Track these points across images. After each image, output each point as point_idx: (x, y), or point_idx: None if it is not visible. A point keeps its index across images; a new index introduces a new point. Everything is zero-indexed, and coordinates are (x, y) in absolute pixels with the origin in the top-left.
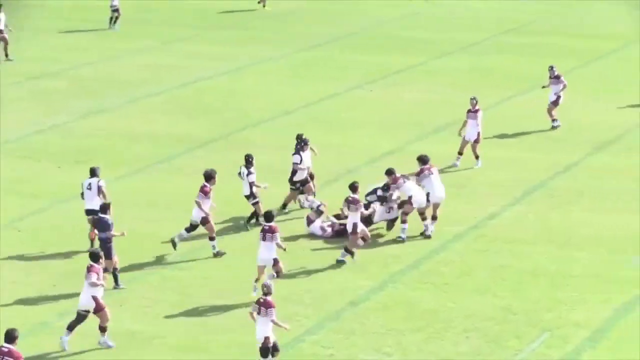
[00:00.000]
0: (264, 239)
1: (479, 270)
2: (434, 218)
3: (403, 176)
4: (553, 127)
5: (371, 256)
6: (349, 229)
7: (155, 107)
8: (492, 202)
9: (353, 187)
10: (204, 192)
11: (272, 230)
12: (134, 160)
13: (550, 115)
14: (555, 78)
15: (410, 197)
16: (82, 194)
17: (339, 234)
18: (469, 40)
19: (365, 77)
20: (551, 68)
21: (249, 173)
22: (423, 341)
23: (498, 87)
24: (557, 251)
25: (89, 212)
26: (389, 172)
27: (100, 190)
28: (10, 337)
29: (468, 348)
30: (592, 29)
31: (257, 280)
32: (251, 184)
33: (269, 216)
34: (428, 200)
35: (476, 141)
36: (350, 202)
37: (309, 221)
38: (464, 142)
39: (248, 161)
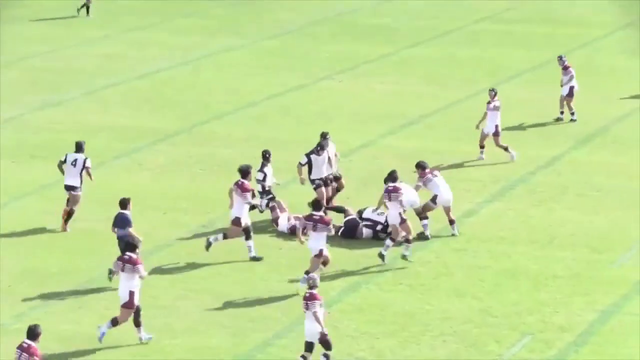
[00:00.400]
0: (314, 229)
1: (456, 271)
2: (451, 222)
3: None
4: (572, 120)
5: (344, 256)
6: (396, 220)
7: (115, 99)
8: (470, 198)
9: (393, 177)
10: (246, 189)
11: (323, 221)
12: (92, 155)
13: (570, 108)
14: (564, 69)
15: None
16: (62, 163)
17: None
18: (442, 28)
19: (334, 67)
20: (560, 58)
21: (259, 170)
22: (398, 345)
23: (472, 78)
24: (538, 250)
25: (68, 187)
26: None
27: (86, 170)
28: (33, 333)
29: (445, 352)
30: (573, 16)
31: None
32: (257, 181)
33: (318, 205)
34: (434, 202)
35: (495, 134)
36: (391, 192)
37: (276, 223)
38: (483, 135)
39: (265, 157)
